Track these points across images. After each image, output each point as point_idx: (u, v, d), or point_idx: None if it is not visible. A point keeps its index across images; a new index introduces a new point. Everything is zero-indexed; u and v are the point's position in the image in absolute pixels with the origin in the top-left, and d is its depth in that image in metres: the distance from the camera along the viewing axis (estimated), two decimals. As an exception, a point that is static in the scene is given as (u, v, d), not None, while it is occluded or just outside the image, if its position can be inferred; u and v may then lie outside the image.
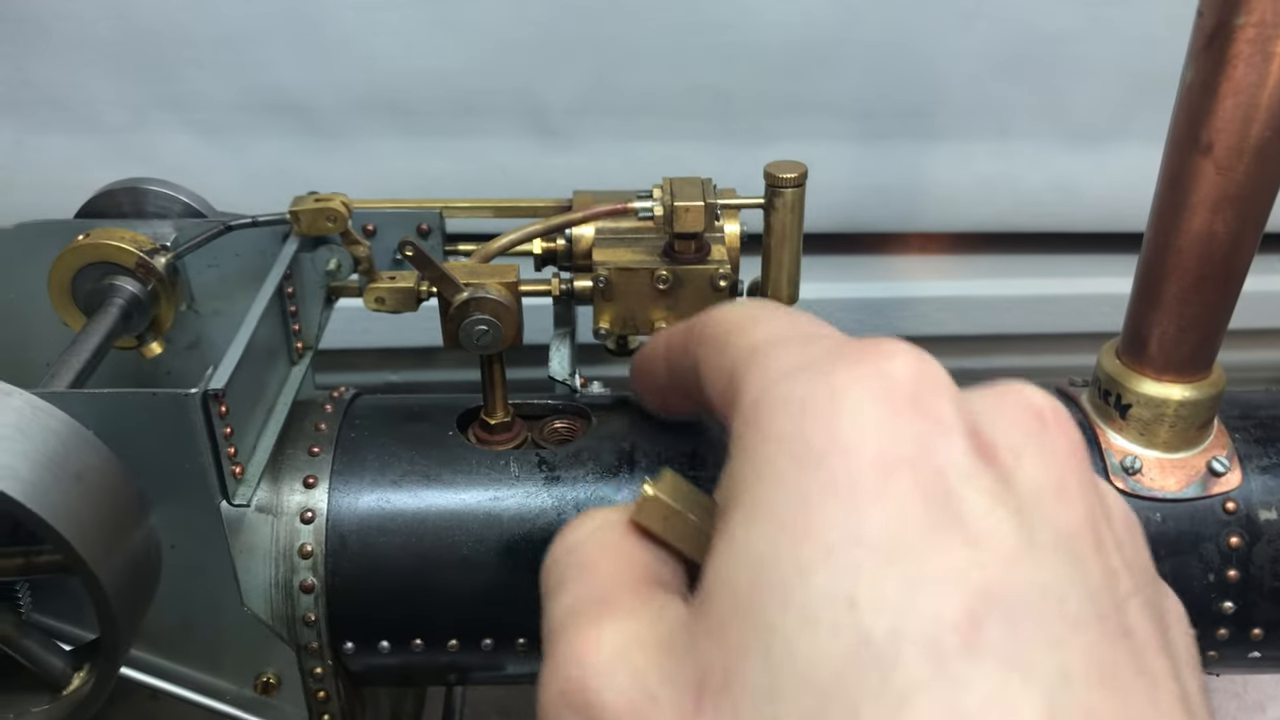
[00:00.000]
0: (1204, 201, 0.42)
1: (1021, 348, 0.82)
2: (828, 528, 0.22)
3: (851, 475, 0.22)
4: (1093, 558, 0.23)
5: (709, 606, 0.23)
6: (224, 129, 0.69)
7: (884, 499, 0.22)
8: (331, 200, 0.49)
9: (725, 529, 0.24)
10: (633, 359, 0.42)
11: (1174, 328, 0.46)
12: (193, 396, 0.39)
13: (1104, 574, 0.23)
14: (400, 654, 0.47)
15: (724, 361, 0.29)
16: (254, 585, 0.45)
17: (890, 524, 0.21)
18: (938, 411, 0.24)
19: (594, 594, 0.27)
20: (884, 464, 0.22)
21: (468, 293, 0.45)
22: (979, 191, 0.75)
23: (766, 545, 0.22)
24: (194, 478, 0.41)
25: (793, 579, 0.21)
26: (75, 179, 0.58)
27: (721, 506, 0.25)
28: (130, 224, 0.51)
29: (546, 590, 0.28)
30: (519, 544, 0.45)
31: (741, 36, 0.67)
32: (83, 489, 0.36)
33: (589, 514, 0.30)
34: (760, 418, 0.25)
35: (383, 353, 0.76)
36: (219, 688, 0.47)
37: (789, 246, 0.48)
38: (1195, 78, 0.41)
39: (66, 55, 0.65)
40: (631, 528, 0.29)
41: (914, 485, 0.22)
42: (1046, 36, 0.69)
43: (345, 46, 0.66)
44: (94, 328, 0.47)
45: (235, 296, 0.53)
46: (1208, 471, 0.47)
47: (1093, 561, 0.23)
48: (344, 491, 0.46)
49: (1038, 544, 0.22)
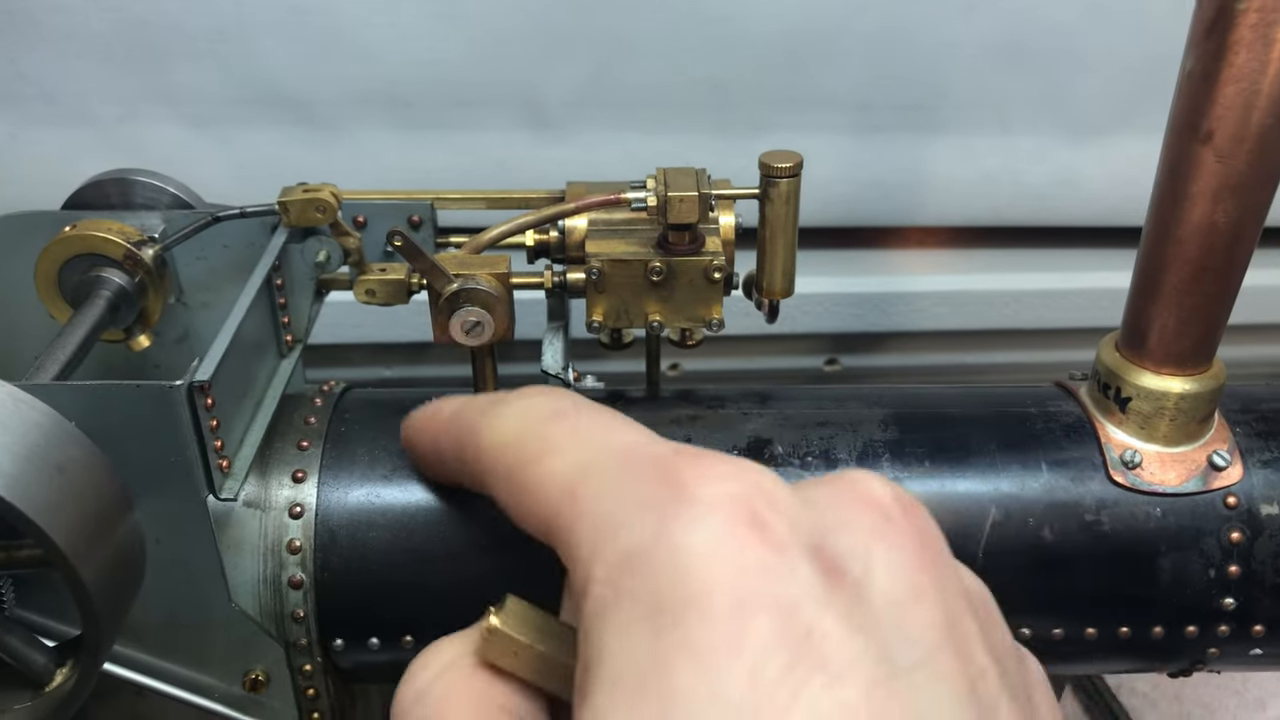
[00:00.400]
0: (1204, 191, 0.42)
1: (1021, 343, 0.81)
2: (689, 691, 0.21)
3: (707, 632, 0.22)
4: (956, 670, 0.23)
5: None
6: (218, 122, 0.68)
7: (742, 652, 0.21)
8: (320, 191, 0.48)
9: (588, 702, 0.23)
10: (404, 426, 0.40)
11: (1174, 320, 0.45)
12: (177, 389, 0.39)
13: (968, 683, 0.23)
14: (391, 651, 0.46)
15: (532, 505, 0.28)
16: (242, 581, 0.44)
17: (751, 678, 0.21)
18: (778, 535, 0.23)
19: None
20: (737, 608, 0.22)
21: (457, 284, 0.44)
22: (978, 185, 0.75)
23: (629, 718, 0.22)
24: (179, 471, 0.41)
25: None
26: (67, 172, 0.57)
27: (581, 668, 0.24)
28: (118, 215, 0.51)
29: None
30: (511, 539, 0.45)
31: (739, 28, 0.67)
32: (64, 482, 0.35)
33: (434, 649, 0.29)
34: (605, 578, 0.24)
35: (376, 347, 0.76)
36: (207, 685, 0.46)
37: (784, 239, 0.47)
38: (1195, 65, 0.40)
39: (59, 48, 0.65)
40: (480, 663, 0.28)
41: (770, 627, 0.21)
42: (1047, 28, 0.69)
43: (340, 38, 0.65)
44: (80, 320, 0.46)
45: (224, 289, 0.53)
46: (1208, 466, 0.47)
47: (957, 675, 0.23)
48: (333, 486, 0.46)
49: (899, 670, 0.22)
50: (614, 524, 0.24)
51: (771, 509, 0.23)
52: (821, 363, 0.81)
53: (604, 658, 0.23)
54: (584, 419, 0.29)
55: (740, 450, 0.47)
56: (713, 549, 0.22)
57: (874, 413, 0.49)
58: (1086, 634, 0.47)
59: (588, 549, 0.25)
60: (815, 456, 0.47)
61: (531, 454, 0.29)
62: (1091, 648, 0.47)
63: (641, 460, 0.26)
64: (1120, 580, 0.46)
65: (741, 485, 0.24)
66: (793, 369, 0.81)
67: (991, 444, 0.47)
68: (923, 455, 0.47)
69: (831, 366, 0.81)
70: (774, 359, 0.80)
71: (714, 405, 0.49)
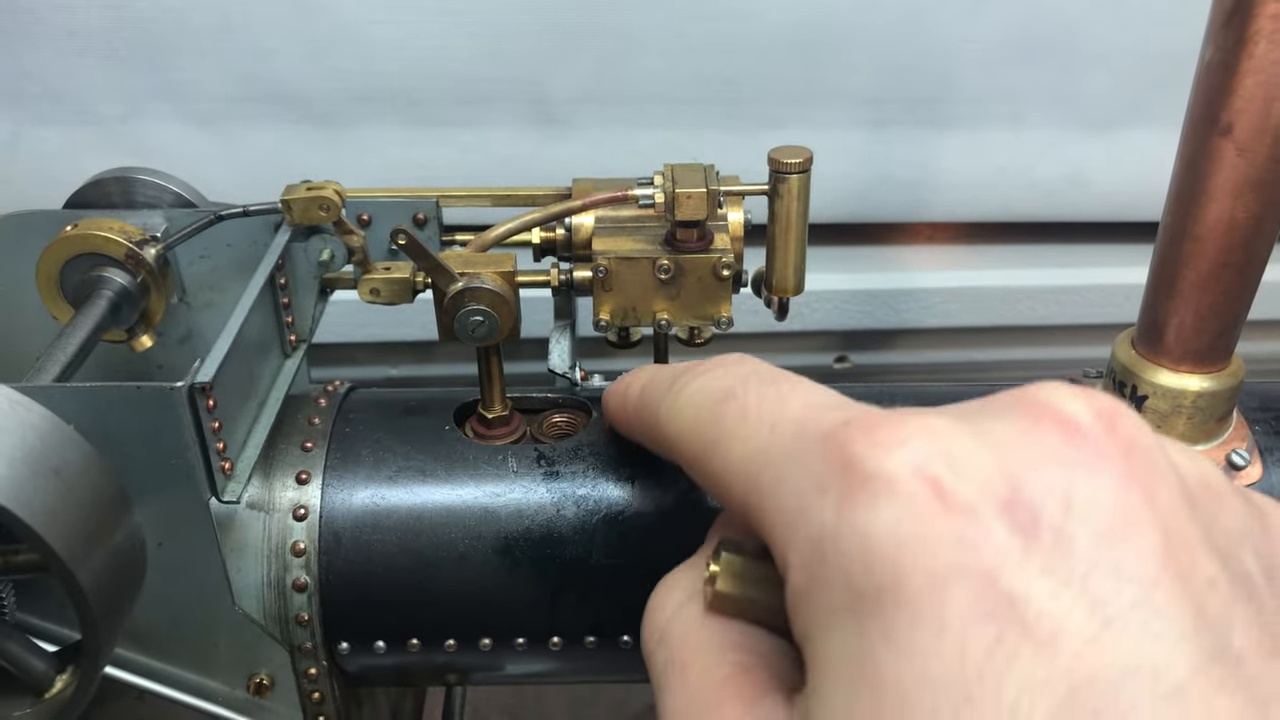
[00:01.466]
0: (1224, 185, 0.41)
1: (1033, 339, 0.81)
2: (899, 680, 0.21)
3: (906, 616, 0.21)
4: (1178, 597, 0.21)
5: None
6: (222, 120, 0.68)
7: (944, 631, 0.21)
8: (324, 189, 0.48)
9: (807, 698, 0.23)
10: (603, 405, 0.42)
11: (1192, 317, 0.44)
12: (178, 390, 0.38)
13: (1194, 608, 0.21)
14: (396, 654, 0.45)
15: (722, 492, 0.28)
16: (245, 584, 0.44)
17: (959, 656, 0.20)
18: (963, 500, 0.22)
19: (692, 705, 0.27)
20: (932, 587, 0.21)
21: (462, 283, 0.44)
22: (989, 180, 0.74)
23: (844, 714, 0.22)
24: (181, 474, 0.40)
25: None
26: (71, 171, 0.57)
27: (800, 643, 0.24)
28: (119, 214, 0.50)
29: (652, 681, 0.29)
30: (517, 541, 0.44)
31: (747, 23, 0.66)
32: (61, 485, 0.34)
33: (668, 585, 0.30)
34: (800, 565, 0.24)
35: (382, 347, 0.75)
36: (210, 689, 0.46)
37: (794, 235, 0.47)
38: (1214, 56, 0.39)
39: (62, 46, 0.65)
40: (711, 609, 0.28)
41: (969, 601, 0.21)
42: (1058, 21, 0.68)
43: (345, 35, 0.65)
44: (81, 320, 0.46)
45: (228, 288, 0.52)
46: (1227, 465, 0.46)
47: (1180, 602, 0.21)
48: (338, 487, 0.45)
49: (1114, 617, 0.21)
50: (797, 511, 0.24)
51: (952, 470, 0.22)
52: (831, 360, 0.81)
53: (815, 651, 0.23)
54: (752, 398, 0.28)
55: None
56: (897, 528, 0.22)
57: (886, 412, 0.48)
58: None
59: (780, 536, 0.25)
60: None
61: (707, 443, 0.29)
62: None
63: (812, 438, 0.25)
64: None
65: (917, 451, 0.23)
66: (802, 367, 0.80)
67: (1005, 443, 0.46)
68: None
69: (841, 364, 0.81)
70: (784, 357, 0.79)
71: (723, 404, 0.49)
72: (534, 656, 0.46)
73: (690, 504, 0.44)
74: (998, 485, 0.22)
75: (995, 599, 0.21)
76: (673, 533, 0.44)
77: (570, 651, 0.45)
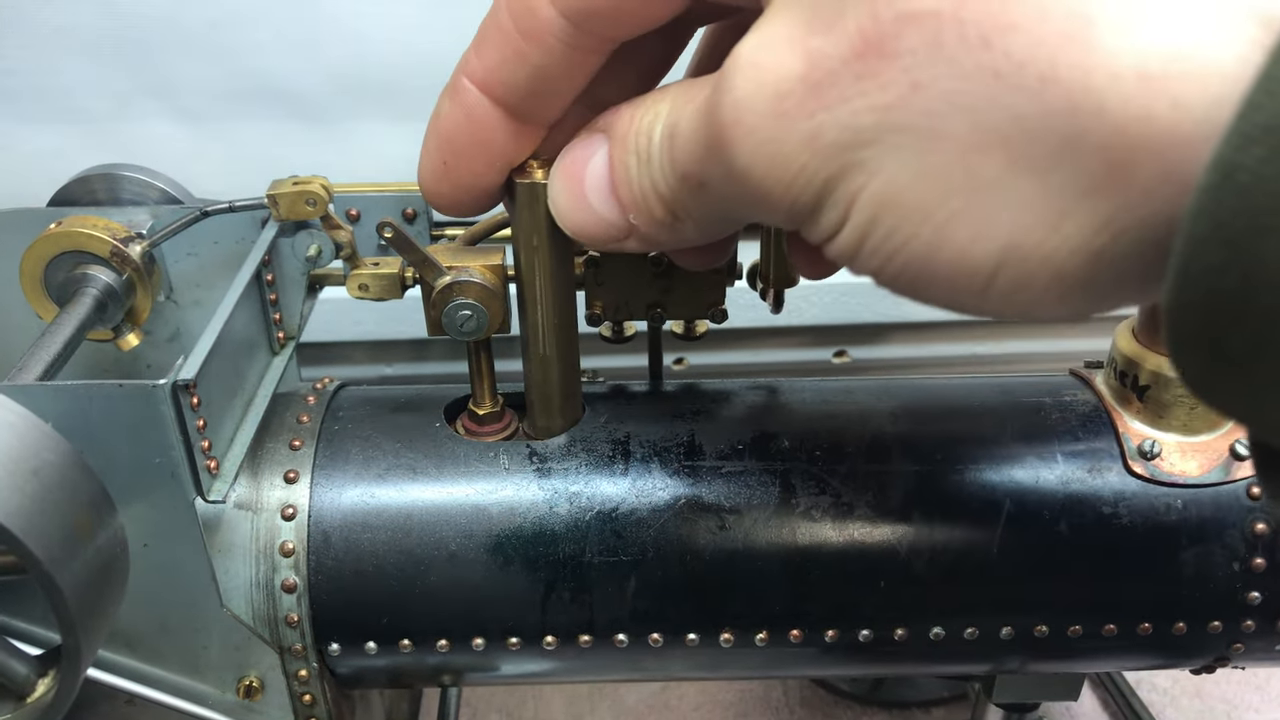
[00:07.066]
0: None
1: (1034, 331, 0.80)
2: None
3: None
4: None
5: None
6: (211, 116, 0.67)
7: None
8: (311, 183, 0.47)
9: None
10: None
11: (1194, 305, 0.43)
12: (160, 388, 0.37)
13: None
14: (388, 655, 0.45)
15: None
16: (233, 585, 0.43)
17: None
18: None
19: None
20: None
21: (450, 276, 0.43)
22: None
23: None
24: (166, 473, 0.40)
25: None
26: (58, 168, 0.56)
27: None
28: (104, 211, 0.50)
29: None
30: (509, 539, 0.43)
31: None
32: (40, 486, 0.34)
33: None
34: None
35: (376, 345, 0.74)
36: (200, 692, 0.45)
37: (788, 225, 0.46)
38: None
39: (48, 42, 0.64)
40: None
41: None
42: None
43: (333, 29, 0.64)
44: (65, 319, 0.45)
45: (215, 286, 0.51)
46: (1230, 455, 0.45)
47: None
48: (327, 486, 0.44)
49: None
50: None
51: None
52: (830, 355, 0.80)
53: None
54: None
55: (745, 445, 0.45)
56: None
57: (884, 405, 0.47)
58: (1105, 631, 0.45)
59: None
60: (823, 450, 0.45)
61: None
62: (1111, 645, 0.46)
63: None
64: (1140, 575, 0.44)
65: None
66: (801, 362, 0.79)
67: (1005, 435, 0.46)
68: (934, 447, 0.45)
69: (840, 358, 0.80)
70: (781, 351, 0.78)
71: (719, 399, 0.48)
72: (528, 656, 0.45)
73: (685, 502, 0.44)
74: None
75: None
76: (666, 529, 0.44)
77: (564, 650, 0.45)
